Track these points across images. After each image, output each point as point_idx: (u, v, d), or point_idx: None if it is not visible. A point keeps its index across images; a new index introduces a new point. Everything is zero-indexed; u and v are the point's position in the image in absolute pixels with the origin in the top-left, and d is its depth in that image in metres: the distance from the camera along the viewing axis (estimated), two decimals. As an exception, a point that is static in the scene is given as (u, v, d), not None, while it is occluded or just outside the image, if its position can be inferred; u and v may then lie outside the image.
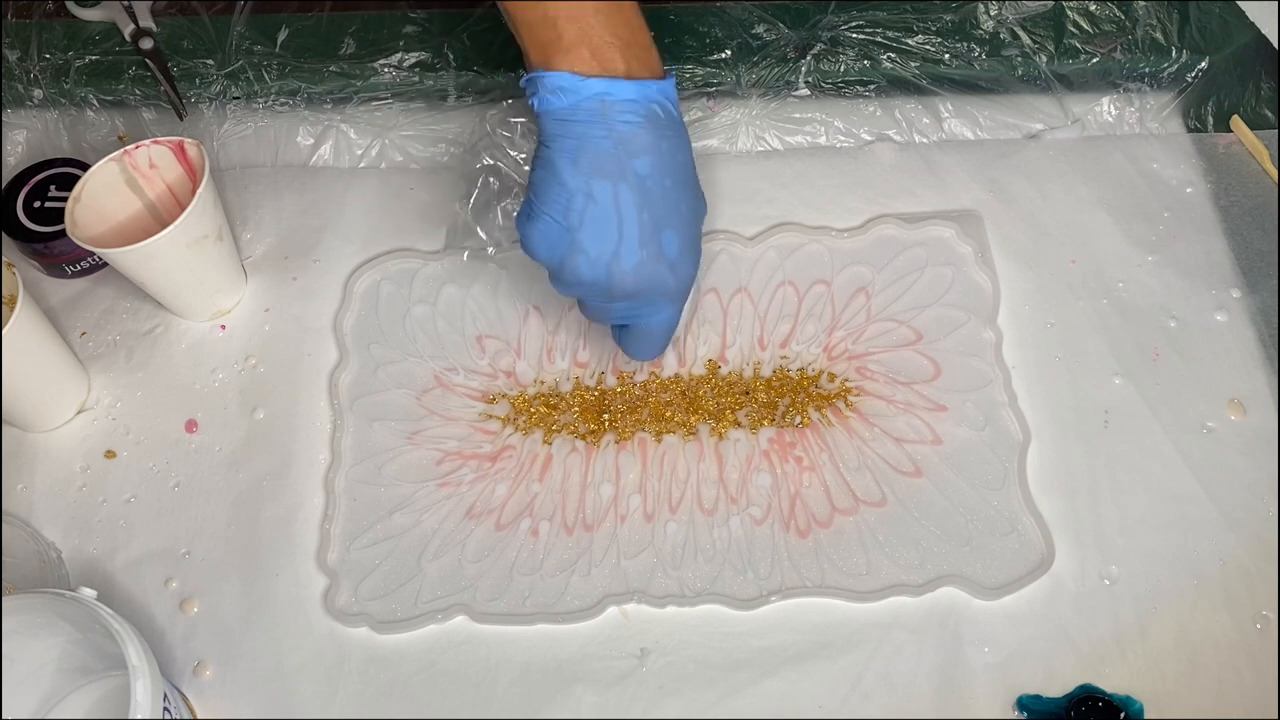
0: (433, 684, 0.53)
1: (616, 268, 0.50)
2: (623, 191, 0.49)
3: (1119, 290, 0.63)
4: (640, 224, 0.49)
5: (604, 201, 0.49)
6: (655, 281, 0.51)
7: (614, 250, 0.49)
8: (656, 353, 0.56)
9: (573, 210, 0.49)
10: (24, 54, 0.68)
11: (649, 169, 0.49)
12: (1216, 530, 0.55)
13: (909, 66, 0.68)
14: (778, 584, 0.54)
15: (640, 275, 0.50)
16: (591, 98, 0.48)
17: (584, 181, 0.48)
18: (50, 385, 0.59)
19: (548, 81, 0.48)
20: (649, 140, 0.49)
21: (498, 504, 0.57)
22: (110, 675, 0.52)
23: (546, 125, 0.49)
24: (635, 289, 0.50)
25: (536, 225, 0.50)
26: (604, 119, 0.48)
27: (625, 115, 0.48)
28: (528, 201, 0.51)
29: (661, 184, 0.49)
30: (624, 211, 0.49)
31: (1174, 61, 0.68)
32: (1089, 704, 0.51)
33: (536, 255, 0.51)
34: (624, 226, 0.49)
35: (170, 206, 0.61)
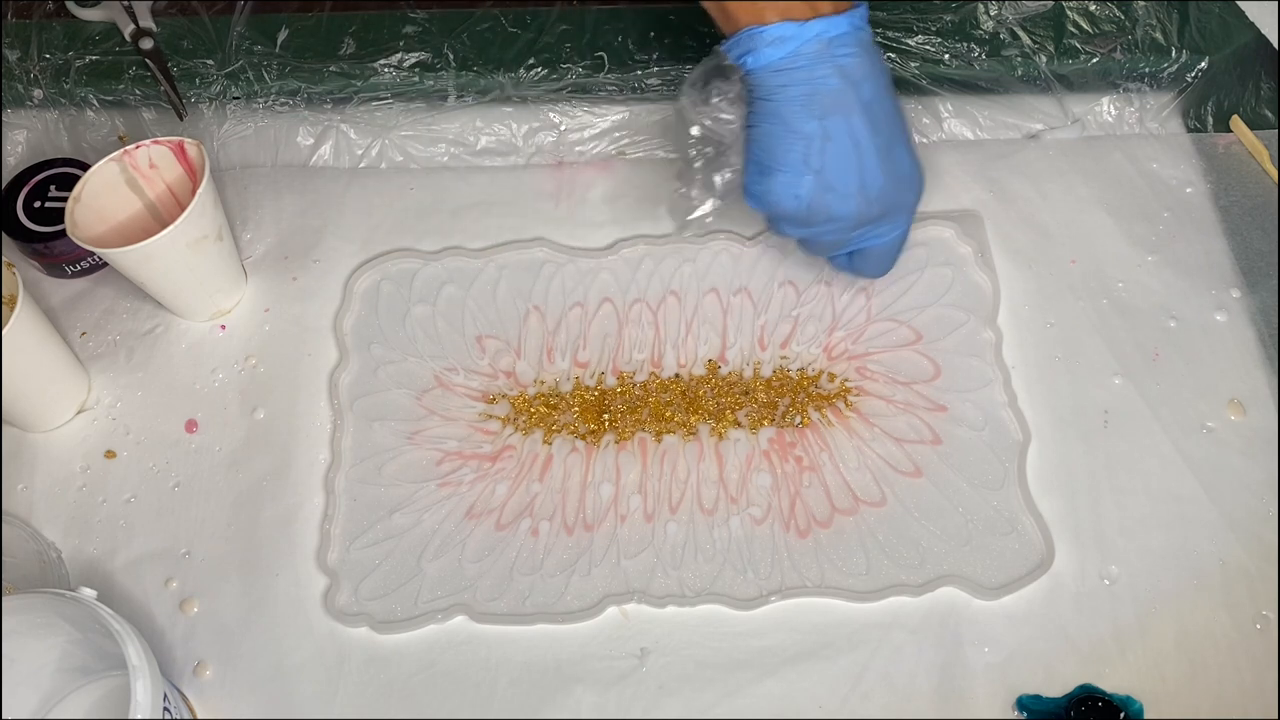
0: (433, 684, 0.53)
1: (864, 197, 0.52)
2: (855, 123, 0.51)
3: (1119, 290, 0.63)
4: (877, 148, 0.51)
5: (840, 137, 0.51)
6: (898, 199, 0.53)
7: (859, 180, 0.52)
8: (890, 267, 0.58)
9: (813, 153, 0.51)
10: (24, 54, 0.68)
11: (872, 94, 0.51)
12: (1216, 530, 0.55)
13: (909, 66, 0.68)
14: (778, 584, 0.54)
15: (885, 197, 0.53)
16: (812, 40, 0.50)
17: (818, 124, 0.50)
18: (50, 385, 0.59)
19: (766, 35, 0.50)
20: (868, 66, 0.51)
21: (498, 504, 0.57)
22: (110, 675, 0.52)
23: (765, 79, 0.51)
24: (882, 211, 0.53)
25: (777, 178, 0.52)
26: (828, 57, 0.50)
27: (845, 48, 0.50)
28: (755, 160, 0.53)
29: (884, 105, 0.52)
30: (860, 141, 0.51)
31: (1174, 61, 0.68)
32: (1089, 704, 0.51)
33: (779, 206, 0.53)
34: (863, 156, 0.51)
35: (170, 206, 0.61)
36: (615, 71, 0.68)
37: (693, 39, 0.68)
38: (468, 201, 0.67)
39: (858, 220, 0.53)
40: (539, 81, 0.68)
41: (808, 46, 0.50)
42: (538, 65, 0.68)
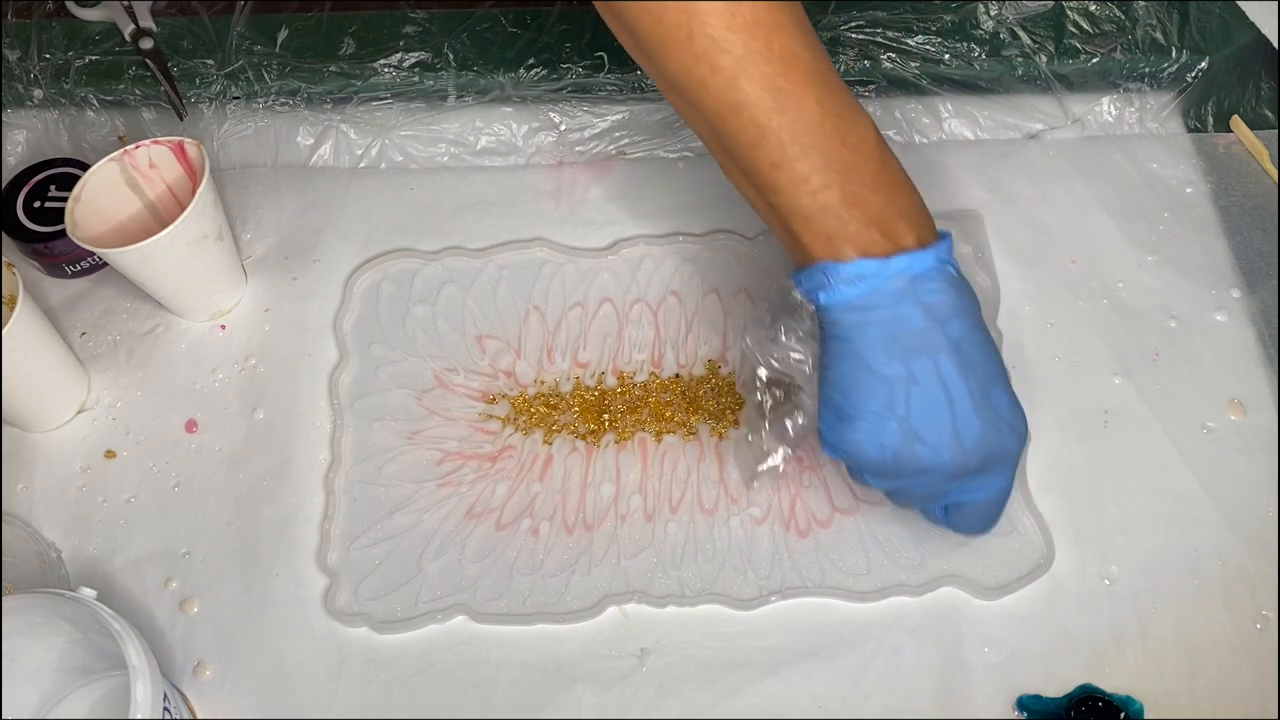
0: (433, 684, 0.53)
1: (958, 447, 0.46)
2: (944, 363, 0.45)
3: (1119, 290, 0.63)
4: (970, 392, 0.46)
5: (928, 380, 0.45)
6: (998, 448, 0.47)
7: (951, 428, 0.46)
8: (995, 522, 0.51)
9: (897, 399, 0.45)
10: (24, 54, 0.68)
11: (962, 331, 0.46)
12: (1216, 530, 0.55)
13: (909, 66, 0.68)
14: (778, 584, 0.54)
15: (984, 446, 0.46)
16: (894, 277, 0.45)
17: (902, 366, 0.45)
18: (50, 385, 0.59)
19: (843, 272, 0.45)
20: (956, 303, 0.46)
21: (498, 504, 0.57)
22: (110, 675, 0.52)
23: (841, 317, 0.46)
24: (981, 462, 0.47)
25: (859, 426, 0.46)
26: (910, 295, 0.45)
27: (930, 285, 0.45)
28: (831, 404, 0.47)
29: (975, 344, 0.46)
30: (950, 384, 0.45)
31: (1174, 61, 0.68)
32: (1089, 704, 0.51)
33: (863, 458, 0.47)
34: (955, 401, 0.45)
35: (170, 206, 0.61)
36: (615, 71, 0.68)
37: (693, 39, 0.68)
38: (468, 201, 0.67)
39: (953, 472, 0.47)
40: (539, 81, 0.68)
41: (889, 284, 0.45)
42: (538, 65, 0.68)
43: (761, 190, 0.47)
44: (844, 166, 0.45)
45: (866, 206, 0.45)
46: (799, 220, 0.46)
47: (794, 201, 0.46)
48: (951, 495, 0.49)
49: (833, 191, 0.45)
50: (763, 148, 0.45)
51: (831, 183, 0.45)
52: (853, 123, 0.46)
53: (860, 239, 0.45)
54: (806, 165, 0.45)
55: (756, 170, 0.46)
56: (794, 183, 0.45)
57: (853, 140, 0.45)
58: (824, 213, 0.45)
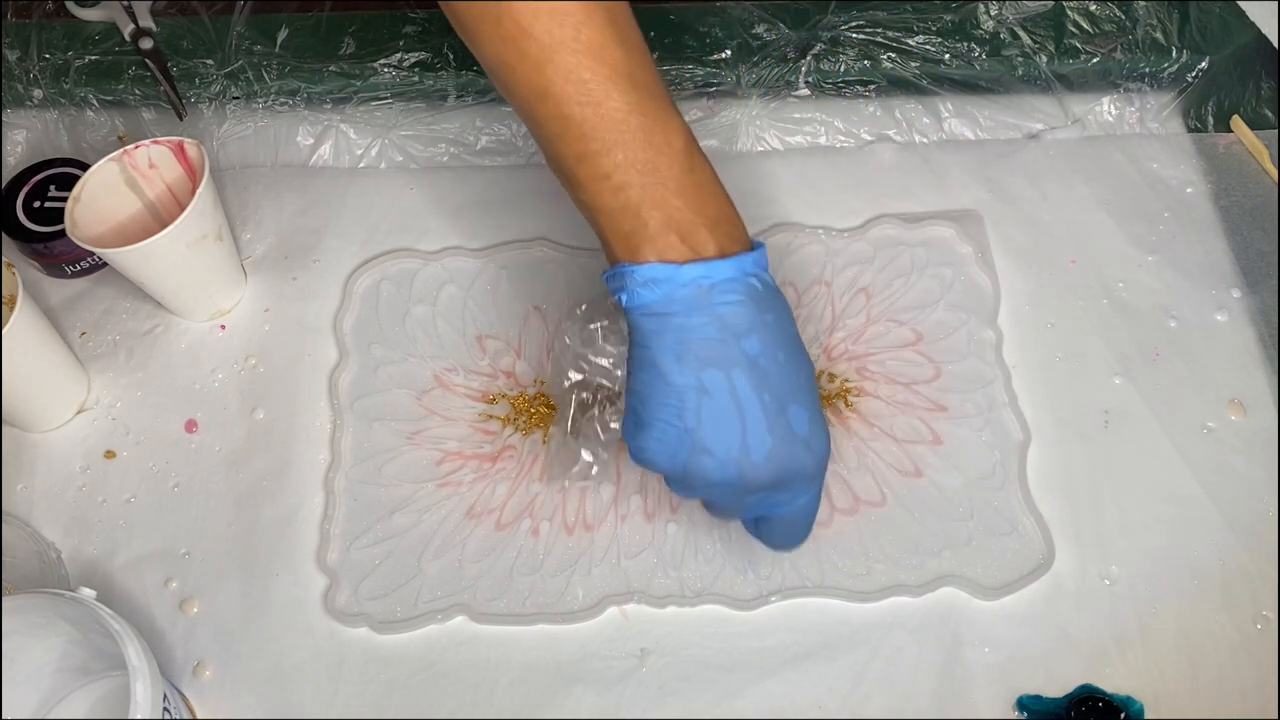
0: (433, 684, 0.53)
1: (747, 461, 0.45)
2: (737, 377, 0.44)
3: (1119, 290, 0.63)
4: (764, 407, 0.45)
5: (719, 392, 0.44)
6: (792, 465, 0.46)
7: (740, 443, 0.45)
8: (801, 540, 0.51)
9: (687, 409, 0.45)
10: (24, 54, 0.68)
11: (759, 347, 0.45)
12: (1216, 530, 0.55)
13: (909, 66, 0.68)
14: (778, 584, 0.54)
15: (776, 462, 0.45)
16: (688, 284, 0.44)
17: (694, 376, 0.44)
18: (50, 385, 0.59)
19: (638, 275, 0.44)
20: (754, 317, 0.45)
21: (498, 504, 0.57)
22: (110, 675, 0.52)
23: (641, 322, 0.45)
24: (773, 479, 0.46)
25: (650, 434, 0.46)
26: (705, 304, 0.44)
27: (726, 296, 0.44)
28: (632, 410, 0.47)
29: (775, 359, 0.45)
30: (743, 398, 0.44)
31: (1174, 61, 0.68)
32: (1089, 704, 0.51)
33: (655, 466, 0.47)
34: (746, 415, 0.45)
35: (170, 206, 0.61)
36: (615, 71, 0.68)
37: (693, 39, 0.68)
38: (468, 201, 0.67)
39: (746, 487, 0.46)
40: (539, 81, 0.68)
41: (682, 291, 0.44)
42: (538, 65, 0.68)
43: (569, 184, 0.47)
44: (646, 167, 0.44)
45: (667, 209, 0.44)
46: (602, 216, 0.46)
47: (596, 198, 0.45)
48: (754, 509, 0.48)
49: (632, 191, 0.44)
50: (566, 140, 0.45)
51: (631, 182, 0.44)
52: (660, 124, 0.45)
53: (658, 242, 0.44)
54: (608, 162, 0.44)
55: (563, 162, 0.46)
56: (595, 178, 0.45)
57: (657, 141, 0.44)
58: (624, 211, 0.45)
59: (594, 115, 0.44)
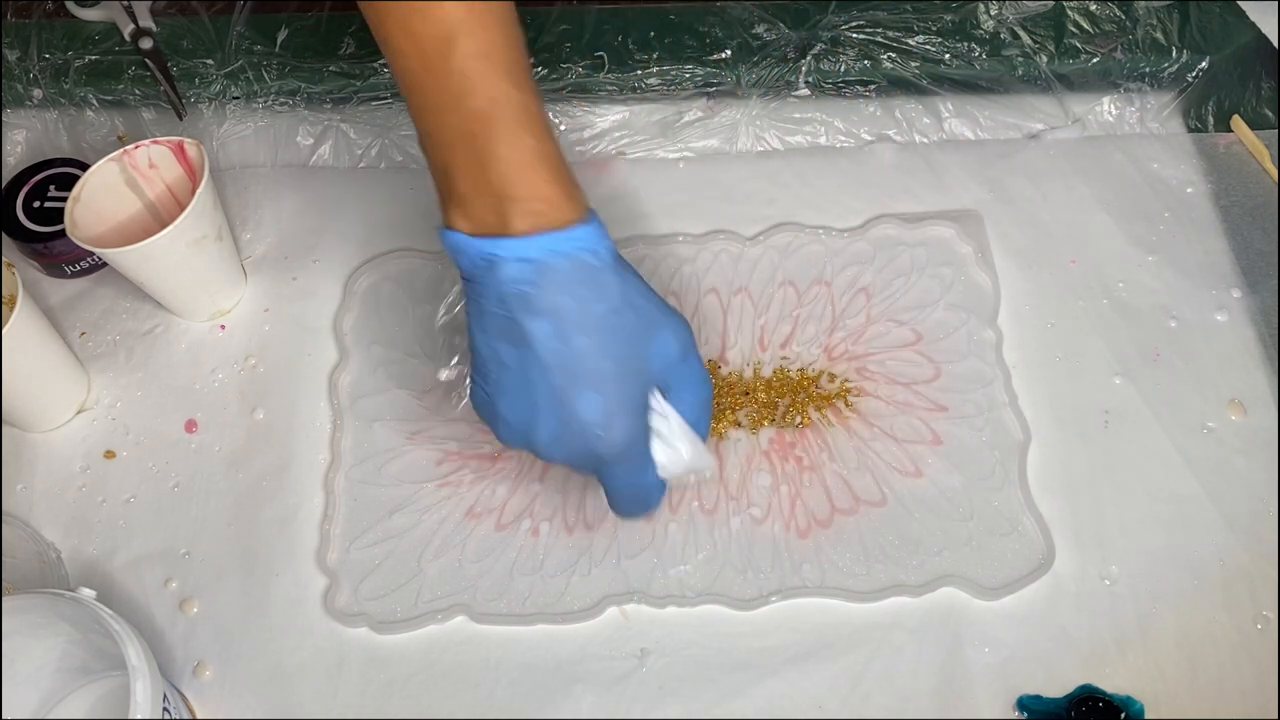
0: (433, 684, 0.53)
1: (535, 438, 0.46)
2: (526, 356, 0.44)
3: (1119, 290, 0.63)
4: (551, 389, 0.44)
5: (512, 366, 0.45)
6: (580, 449, 0.45)
7: (529, 418, 0.45)
8: (637, 512, 0.51)
9: (489, 376, 0.46)
10: (24, 54, 0.68)
11: (549, 330, 0.44)
12: (1216, 530, 0.55)
13: (909, 66, 0.68)
14: (778, 584, 0.54)
15: (561, 445, 0.45)
16: (480, 259, 0.44)
17: (492, 346, 0.45)
18: (50, 385, 0.59)
19: (444, 238, 0.45)
20: (548, 301, 0.44)
21: (498, 504, 0.57)
22: (110, 675, 0.52)
23: (463, 286, 0.46)
24: (563, 458, 0.46)
25: (471, 389, 0.48)
26: (494, 281, 0.44)
27: (516, 275, 0.43)
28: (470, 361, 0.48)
29: (569, 344, 0.44)
30: (532, 379, 0.45)
31: (1174, 61, 0.68)
32: (1089, 704, 0.51)
33: (482, 420, 0.48)
34: (534, 393, 0.45)
35: (170, 206, 0.61)
36: (615, 71, 0.68)
37: (693, 39, 0.68)
38: (468, 201, 0.67)
39: (541, 455, 0.46)
40: (539, 81, 0.68)
41: (479, 263, 0.44)
42: (538, 65, 0.68)
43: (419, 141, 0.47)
44: (463, 132, 0.44)
45: (478, 177, 0.44)
46: (433, 174, 0.46)
47: (426, 155, 0.46)
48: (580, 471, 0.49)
49: (446, 152, 0.44)
50: (411, 95, 0.45)
51: (449, 143, 0.44)
52: (483, 92, 0.43)
53: (461, 210, 0.44)
54: (430, 121, 0.45)
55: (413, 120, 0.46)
56: (423, 133, 0.45)
57: (477, 107, 0.43)
58: (441, 173, 0.45)
59: (421, 70, 0.44)
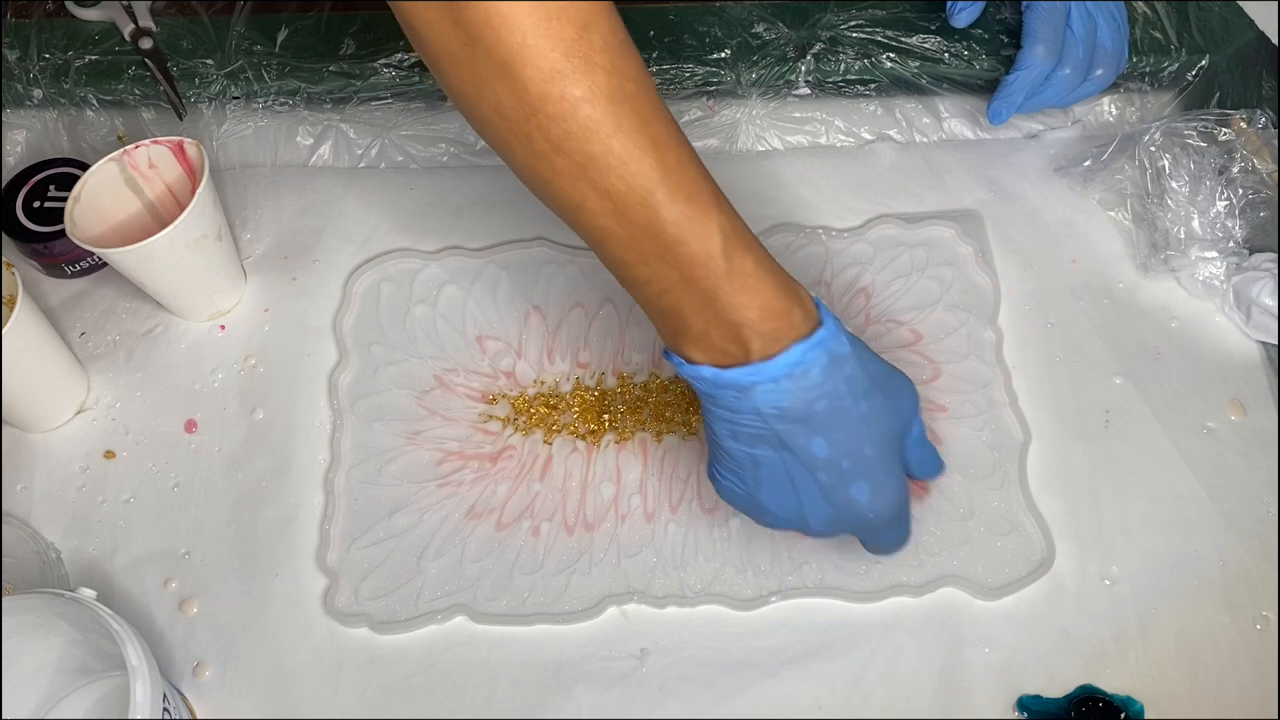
0: (433, 684, 0.53)
1: (807, 525, 0.48)
2: (789, 459, 0.46)
3: (1119, 290, 0.63)
4: (819, 485, 0.46)
5: (773, 467, 0.46)
6: (854, 525, 0.48)
7: (797, 509, 0.47)
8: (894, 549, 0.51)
9: (745, 475, 0.47)
10: (24, 54, 0.68)
11: (812, 437, 0.45)
12: (1216, 530, 0.55)
13: (909, 66, 0.68)
14: (778, 584, 0.54)
15: (836, 525, 0.48)
16: (729, 386, 0.45)
17: (747, 450, 0.46)
18: (50, 385, 0.59)
19: (686, 371, 0.46)
20: (803, 409, 0.45)
21: (498, 504, 0.57)
22: (110, 675, 0.52)
23: (699, 390, 0.47)
24: (838, 533, 0.49)
25: (720, 485, 0.49)
26: (749, 401, 0.45)
27: (770, 394, 0.44)
28: (709, 456, 0.50)
29: (831, 441, 0.45)
30: (796, 477, 0.46)
31: (1174, 61, 0.68)
32: (1089, 704, 0.51)
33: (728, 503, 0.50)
34: (800, 491, 0.46)
35: (170, 206, 0.61)
36: (615, 71, 0.67)
37: (692, 38, 0.68)
38: (468, 201, 0.67)
39: (811, 534, 0.49)
40: (539, 81, 0.68)
41: (727, 390, 0.45)
42: (538, 65, 0.68)
43: (619, 280, 0.47)
44: (684, 275, 0.44)
45: (707, 315, 0.44)
46: (650, 312, 0.47)
47: (641, 299, 0.46)
48: None
49: (672, 297, 0.45)
50: (606, 247, 0.45)
51: (672, 289, 0.44)
52: (696, 227, 0.43)
53: (701, 343, 0.45)
54: (647, 270, 0.44)
55: (607, 265, 0.46)
56: (637, 283, 0.45)
57: (693, 249, 0.43)
58: (667, 314, 0.45)
59: (628, 227, 0.44)
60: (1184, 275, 0.61)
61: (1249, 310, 0.59)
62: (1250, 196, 0.60)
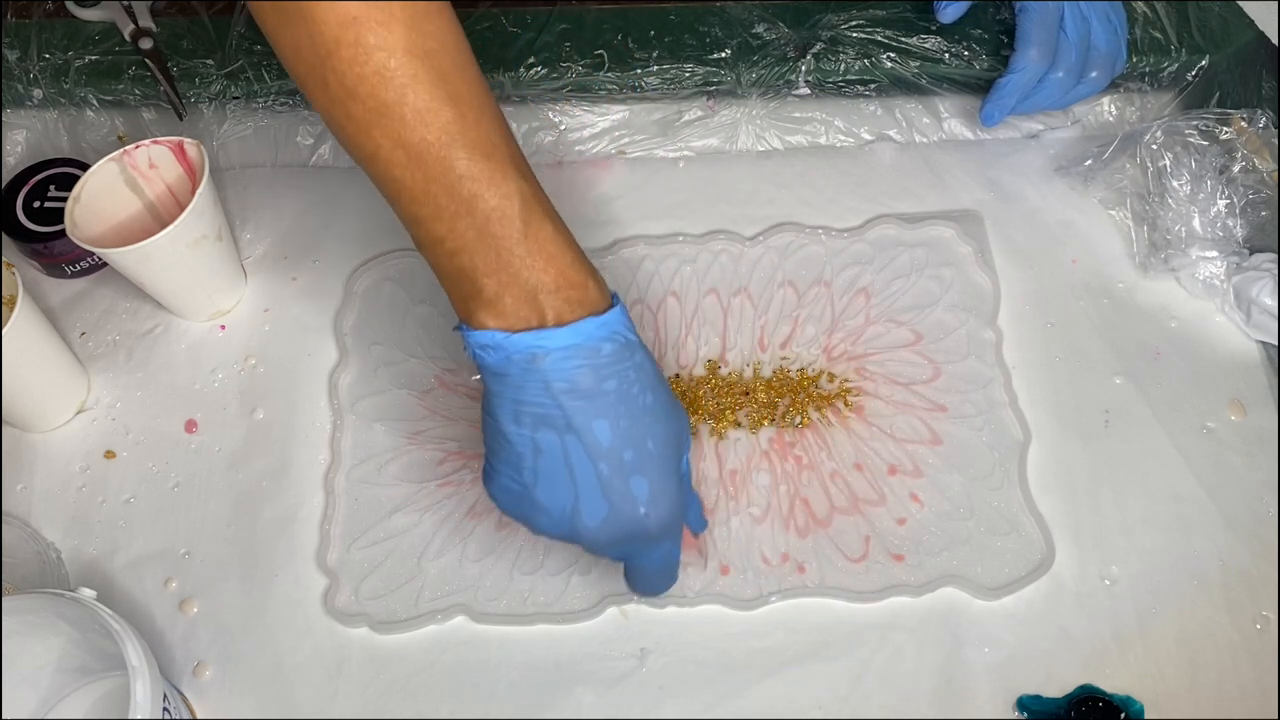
0: (433, 684, 0.53)
1: (580, 523, 0.46)
2: (570, 443, 0.44)
3: (1119, 290, 0.63)
4: (599, 476, 0.45)
5: (553, 454, 0.45)
6: (628, 530, 0.46)
7: (573, 505, 0.45)
8: (664, 588, 0.51)
9: (524, 467, 0.45)
10: (24, 54, 0.68)
11: (597, 416, 0.44)
12: (1216, 530, 0.55)
13: (909, 66, 0.68)
14: (778, 584, 0.54)
15: (611, 526, 0.46)
16: (521, 352, 0.44)
17: (529, 435, 0.45)
18: (50, 385, 0.59)
19: (474, 339, 0.44)
20: (591, 385, 0.44)
21: (498, 504, 0.57)
22: (110, 675, 0.52)
23: (485, 379, 0.45)
24: (610, 540, 0.46)
25: (495, 483, 0.47)
26: (537, 372, 0.44)
27: (561, 364, 0.44)
28: (485, 457, 0.48)
29: (617, 428, 0.45)
30: (575, 464, 0.45)
31: (1174, 61, 0.68)
32: (1089, 704, 0.51)
33: (505, 512, 0.48)
34: (579, 480, 0.45)
35: (170, 206, 0.61)
36: (615, 71, 0.68)
37: (693, 38, 0.68)
38: (468, 201, 0.67)
39: (580, 543, 0.47)
40: (539, 81, 0.68)
41: (517, 357, 0.44)
42: (538, 64, 0.68)
43: (414, 242, 0.46)
44: (480, 233, 0.43)
45: (501, 276, 0.44)
46: (443, 278, 0.45)
47: (433, 259, 0.45)
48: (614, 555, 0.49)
49: (466, 257, 0.44)
50: (400, 202, 0.44)
51: (466, 247, 0.43)
52: (494, 187, 0.43)
53: (494, 308, 0.44)
54: (441, 227, 0.44)
55: (402, 221, 0.45)
56: (430, 241, 0.44)
57: (490, 206, 0.43)
58: (460, 275, 0.44)
59: (423, 180, 0.43)
60: (1184, 275, 0.61)
61: (1249, 310, 0.59)
62: (1251, 196, 0.60)
